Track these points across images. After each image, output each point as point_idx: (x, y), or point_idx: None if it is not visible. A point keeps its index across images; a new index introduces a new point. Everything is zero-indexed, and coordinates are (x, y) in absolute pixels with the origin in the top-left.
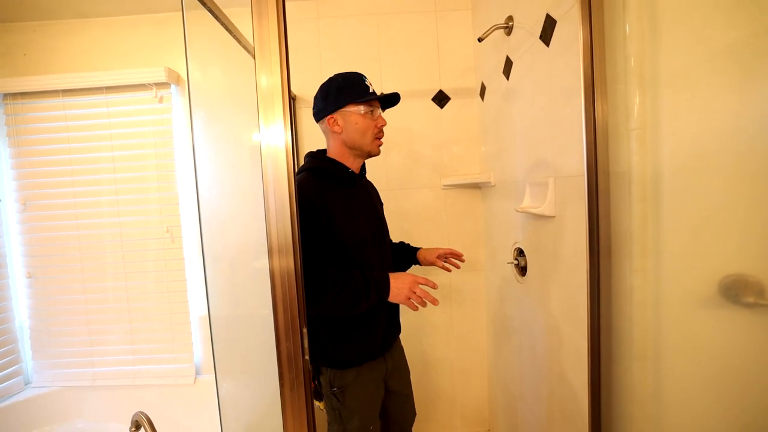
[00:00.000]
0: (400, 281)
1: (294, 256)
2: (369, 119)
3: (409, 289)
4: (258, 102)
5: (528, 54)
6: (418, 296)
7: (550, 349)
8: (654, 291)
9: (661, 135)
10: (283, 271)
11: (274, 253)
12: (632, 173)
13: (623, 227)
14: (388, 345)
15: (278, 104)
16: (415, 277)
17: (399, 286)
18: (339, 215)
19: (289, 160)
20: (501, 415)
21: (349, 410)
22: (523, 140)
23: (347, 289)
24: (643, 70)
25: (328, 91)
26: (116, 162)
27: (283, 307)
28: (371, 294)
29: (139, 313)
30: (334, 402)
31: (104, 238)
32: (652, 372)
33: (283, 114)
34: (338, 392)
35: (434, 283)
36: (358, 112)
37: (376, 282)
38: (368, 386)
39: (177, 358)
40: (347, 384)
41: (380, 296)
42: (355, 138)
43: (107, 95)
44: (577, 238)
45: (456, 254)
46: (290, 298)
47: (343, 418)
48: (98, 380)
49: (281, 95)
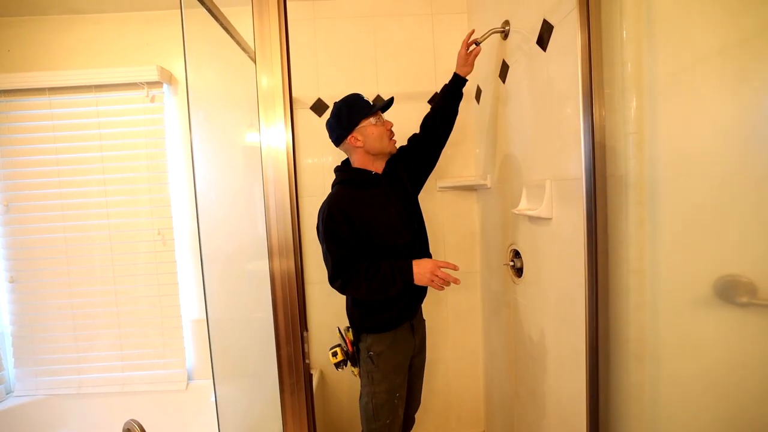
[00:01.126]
0: (422, 267)
1: (294, 257)
2: (380, 126)
3: (431, 272)
4: (258, 102)
5: (524, 58)
6: (440, 278)
7: (546, 350)
8: (651, 292)
9: (657, 139)
10: (284, 272)
11: (275, 255)
12: (629, 177)
13: (621, 230)
14: (414, 310)
15: (279, 105)
16: (436, 261)
17: (421, 272)
18: (369, 214)
19: (290, 161)
20: (497, 415)
21: (381, 373)
22: (518, 143)
23: (377, 279)
24: (640, 75)
25: (340, 118)
26: (105, 162)
27: (283, 310)
28: (398, 282)
29: (129, 317)
30: (370, 365)
31: (93, 241)
32: (650, 371)
33: (284, 115)
34: (374, 356)
35: (455, 264)
36: (370, 124)
37: (401, 270)
38: (398, 355)
39: (168, 364)
40: (382, 350)
41: (405, 281)
42: (376, 145)
43: (97, 94)
44: (574, 240)
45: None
46: (291, 300)
47: (374, 380)
48: (85, 388)
49: (282, 96)
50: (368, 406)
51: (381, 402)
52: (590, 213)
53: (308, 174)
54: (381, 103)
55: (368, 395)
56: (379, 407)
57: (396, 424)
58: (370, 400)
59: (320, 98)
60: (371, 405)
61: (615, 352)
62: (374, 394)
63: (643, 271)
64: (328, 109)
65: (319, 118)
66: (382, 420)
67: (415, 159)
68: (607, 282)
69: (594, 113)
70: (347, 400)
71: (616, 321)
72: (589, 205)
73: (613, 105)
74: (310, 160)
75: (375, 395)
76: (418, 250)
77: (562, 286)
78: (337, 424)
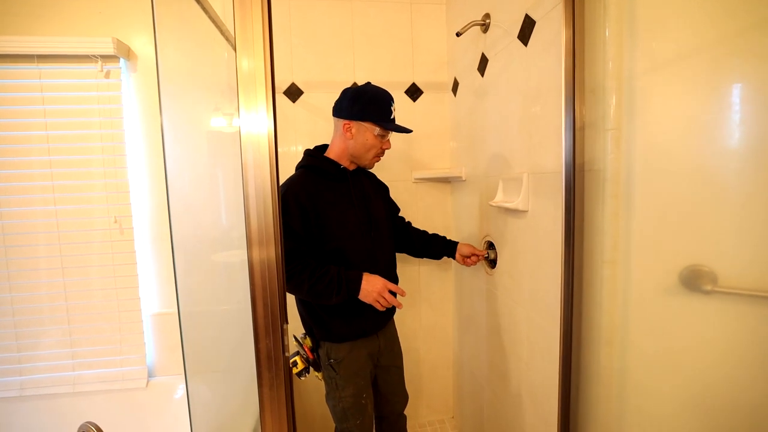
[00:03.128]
0: (371, 284)
1: (275, 246)
2: (378, 141)
3: (378, 293)
4: (238, 85)
5: (505, 52)
6: (385, 299)
7: (519, 338)
8: (623, 281)
9: (634, 135)
10: (263, 263)
11: (254, 244)
12: (607, 171)
13: (596, 222)
14: (382, 325)
15: (261, 88)
16: (387, 283)
17: (369, 289)
18: (326, 209)
19: (272, 147)
20: (466, 402)
21: (343, 379)
22: (496, 137)
23: (321, 283)
24: (620, 72)
25: (358, 99)
26: (51, 143)
27: (263, 302)
28: (342, 290)
29: (81, 312)
30: (331, 372)
31: (36, 229)
32: (618, 356)
33: (266, 98)
34: (334, 363)
35: (404, 291)
36: (372, 131)
37: (349, 281)
38: (360, 359)
39: (126, 361)
40: (342, 357)
41: (350, 294)
42: (360, 151)
43: (39, 65)
44: (549, 231)
45: (478, 254)
46: (270, 291)
47: (338, 386)
48: (28, 389)
49: (264, 78)
50: (336, 409)
51: (348, 405)
52: (569, 205)
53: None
54: (400, 128)
55: (334, 399)
56: (347, 410)
57: (366, 423)
58: (337, 403)
59: (294, 83)
60: (339, 408)
61: (587, 338)
62: (340, 399)
63: (616, 261)
64: (302, 95)
65: (293, 104)
66: (352, 421)
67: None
68: (581, 271)
69: (576, 109)
70: (323, 394)
71: (589, 308)
72: (568, 198)
73: (594, 101)
74: (282, 148)
75: (341, 399)
76: (376, 265)
77: (536, 276)
78: (310, 418)
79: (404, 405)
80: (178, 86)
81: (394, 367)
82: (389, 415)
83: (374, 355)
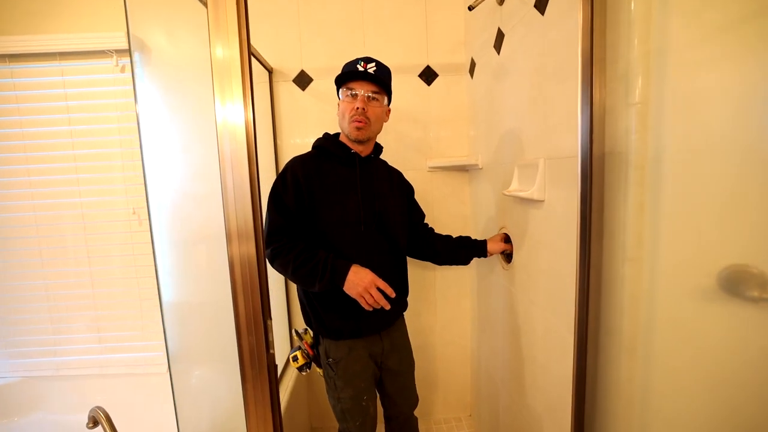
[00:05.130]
0: (359, 277)
1: (256, 241)
2: (347, 103)
3: (364, 288)
4: (213, 73)
5: (521, 25)
6: (371, 296)
7: (534, 340)
8: (649, 282)
9: (664, 111)
10: (243, 258)
11: (233, 238)
12: (630, 154)
13: (618, 213)
14: (383, 325)
15: (236, 75)
16: (376, 279)
17: (356, 281)
18: (322, 190)
19: (250, 138)
20: (483, 401)
21: (342, 381)
22: (513, 119)
23: (306, 266)
24: (647, 36)
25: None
26: (75, 137)
27: (244, 298)
28: (326, 278)
29: (106, 299)
30: (330, 371)
31: (64, 220)
32: (642, 366)
33: (242, 86)
34: (333, 363)
35: (392, 291)
36: (343, 94)
37: (335, 269)
38: (360, 361)
39: (148, 347)
40: (341, 357)
41: (334, 283)
42: (341, 123)
43: (62, 62)
44: (566, 223)
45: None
46: (252, 288)
47: (337, 387)
48: (62, 370)
49: (240, 63)
50: (336, 409)
51: (347, 407)
52: (585, 194)
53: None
54: (354, 70)
55: (333, 399)
56: (346, 411)
57: (368, 424)
58: (336, 404)
59: (303, 70)
60: (338, 408)
61: (605, 343)
62: (339, 399)
63: (641, 258)
64: (311, 83)
65: (302, 92)
66: (351, 422)
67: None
68: (600, 269)
69: (594, 82)
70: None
71: (608, 311)
72: (584, 186)
73: (616, 73)
74: (293, 140)
75: (340, 400)
76: (368, 263)
77: (553, 274)
78: (324, 406)
79: (413, 407)
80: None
81: (402, 373)
82: (397, 416)
83: (377, 357)
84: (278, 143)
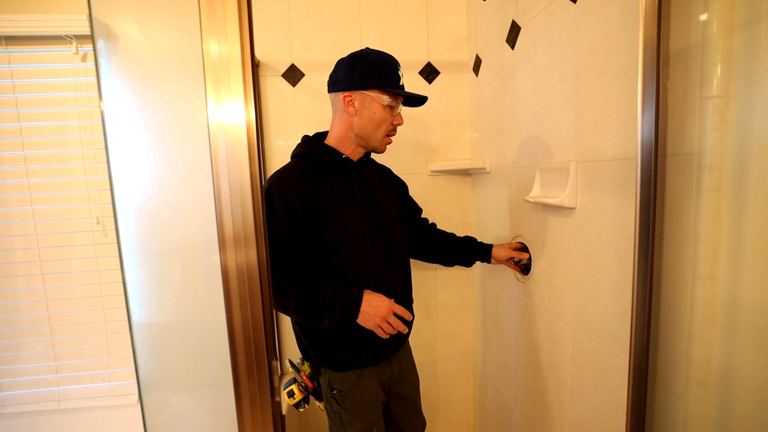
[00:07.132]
0: (374, 307)
1: (260, 263)
2: (388, 113)
3: (383, 318)
4: (204, 69)
5: (543, 15)
6: (389, 325)
7: (561, 360)
8: (726, 304)
9: (754, 104)
10: (244, 282)
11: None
12: (703, 156)
13: (684, 224)
14: (395, 350)
15: (236, 70)
16: (392, 305)
17: (372, 312)
18: (319, 208)
19: (252, 139)
20: (490, 422)
21: (350, 414)
22: (531, 119)
23: (310, 303)
24: (731, 13)
25: (357, 64)
26: (25, 135)
27: (243, 336)
28: (336, 313)
29: (64, 322)
30: (335, 405)
31: (12, 231)
32: (716, 403)
33: (243, 81)
34: (338, 395)
35: (410, 314)
36: (380, 101)
37: (345, 301)
38: (370, 390)
39: (114, 375)
40: (347, 388)
41: (347, 317)
42: (367, 128)
43: (8, 48)
44: (607, 234)
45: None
46: (254, 323)
47: (344, 422)
48: (9, 406)
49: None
50: None
51: None
52: (646, 202)
53: (278, 159)
54: (414, 94)
55: None
56: None
57: None
58: None
59: (294, 64)
60: None
61: (666, 374)
62: None
63: (716, 277)
64: (303, 78)
65: (293, 88)
66: None
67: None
68: (660, 288)
69: (660, 72)
70: None
71: (671, 337)
72: (645, 193)
73: (686, 60)
74: (281, 142)
75: None
76: (381, 282)
77: (587, 289)
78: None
79: (423, 430)
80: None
81: (411, 402)
82: None
83: (385, 383)
84: (264, 145)
